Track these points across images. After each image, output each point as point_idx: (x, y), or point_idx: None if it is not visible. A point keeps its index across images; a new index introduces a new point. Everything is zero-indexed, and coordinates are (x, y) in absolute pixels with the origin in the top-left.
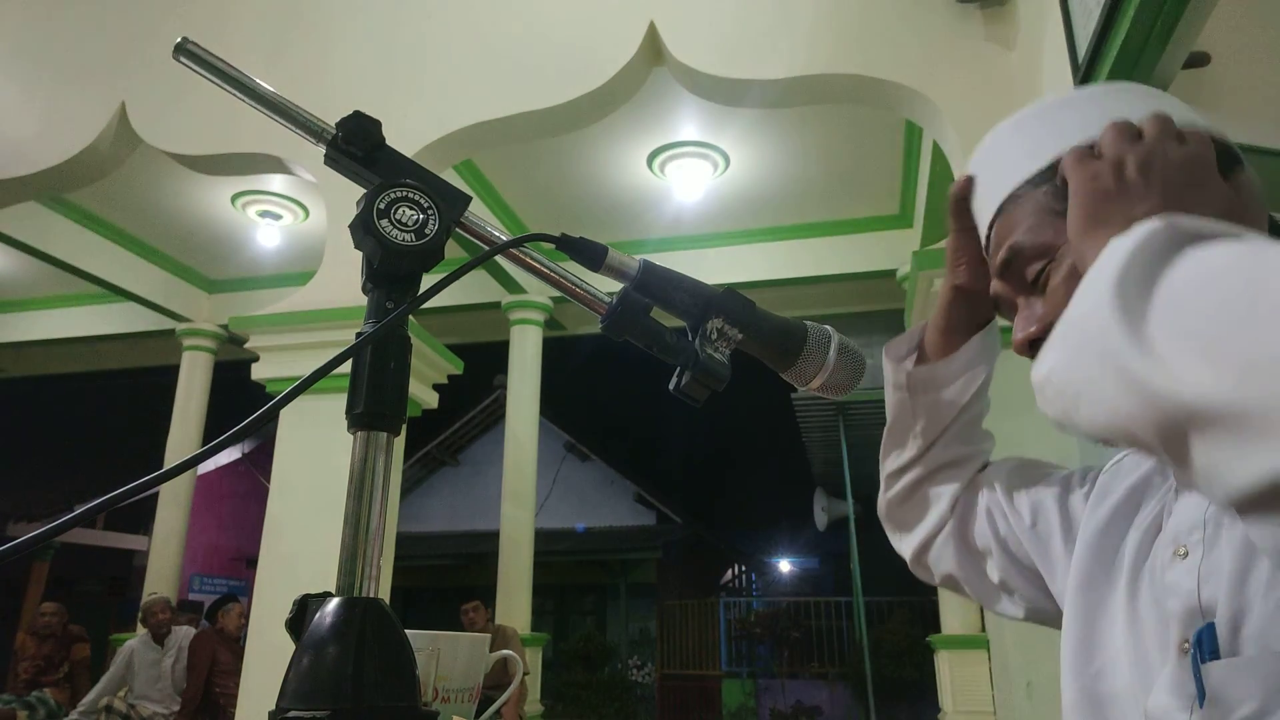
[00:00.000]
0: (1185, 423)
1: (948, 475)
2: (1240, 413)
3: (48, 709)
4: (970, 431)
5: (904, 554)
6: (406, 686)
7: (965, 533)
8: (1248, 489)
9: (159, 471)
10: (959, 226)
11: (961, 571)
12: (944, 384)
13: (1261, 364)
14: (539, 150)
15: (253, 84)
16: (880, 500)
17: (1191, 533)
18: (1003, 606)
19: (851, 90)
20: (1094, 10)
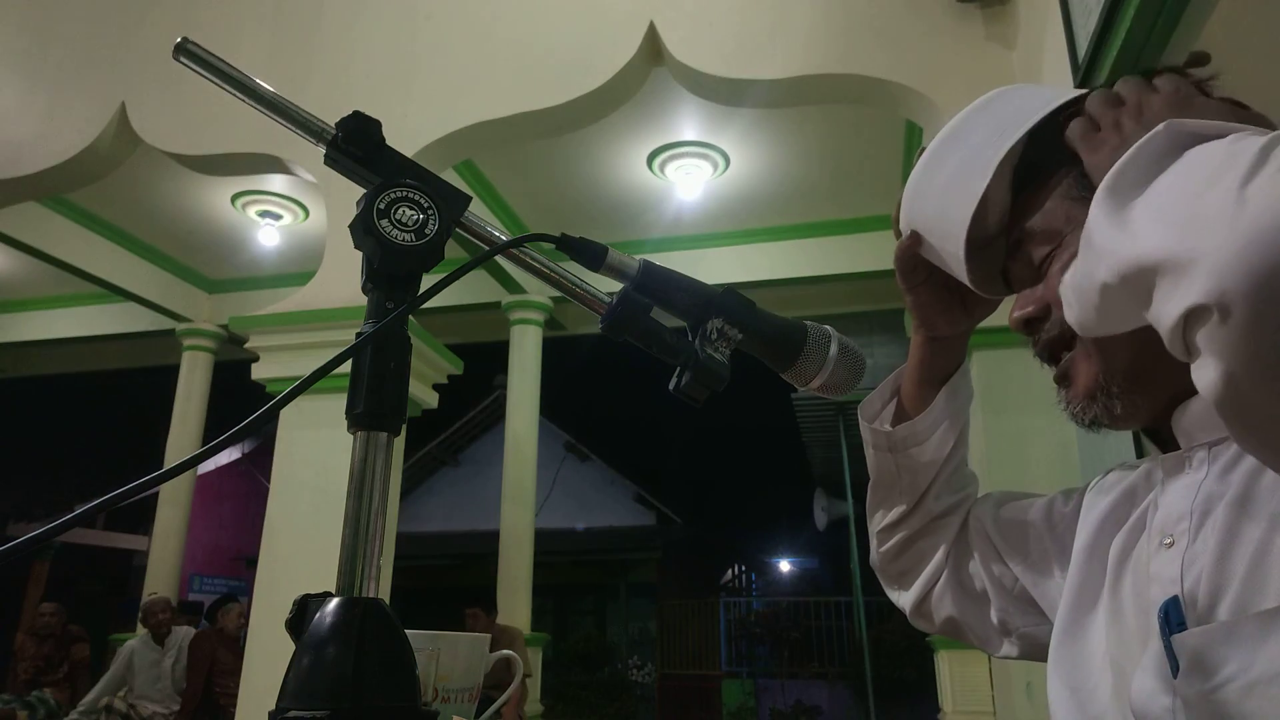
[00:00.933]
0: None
1: (940, 526)
2: (1173, 259)
3: (47, 709)
4: (956, 479)
5: (903, 607)
6: (406, 686)
7: (962, 578)
8: (1173, 324)
9: (159, 471)
10: (912, 284)
11: (962, 616)
12: (922, 440)
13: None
14: (539, 150)
15: (253, 84)
16: (873, 556)
17: (1179, 523)
18: (1003, 650)
19: (851, 90)
20: (1094, 10)
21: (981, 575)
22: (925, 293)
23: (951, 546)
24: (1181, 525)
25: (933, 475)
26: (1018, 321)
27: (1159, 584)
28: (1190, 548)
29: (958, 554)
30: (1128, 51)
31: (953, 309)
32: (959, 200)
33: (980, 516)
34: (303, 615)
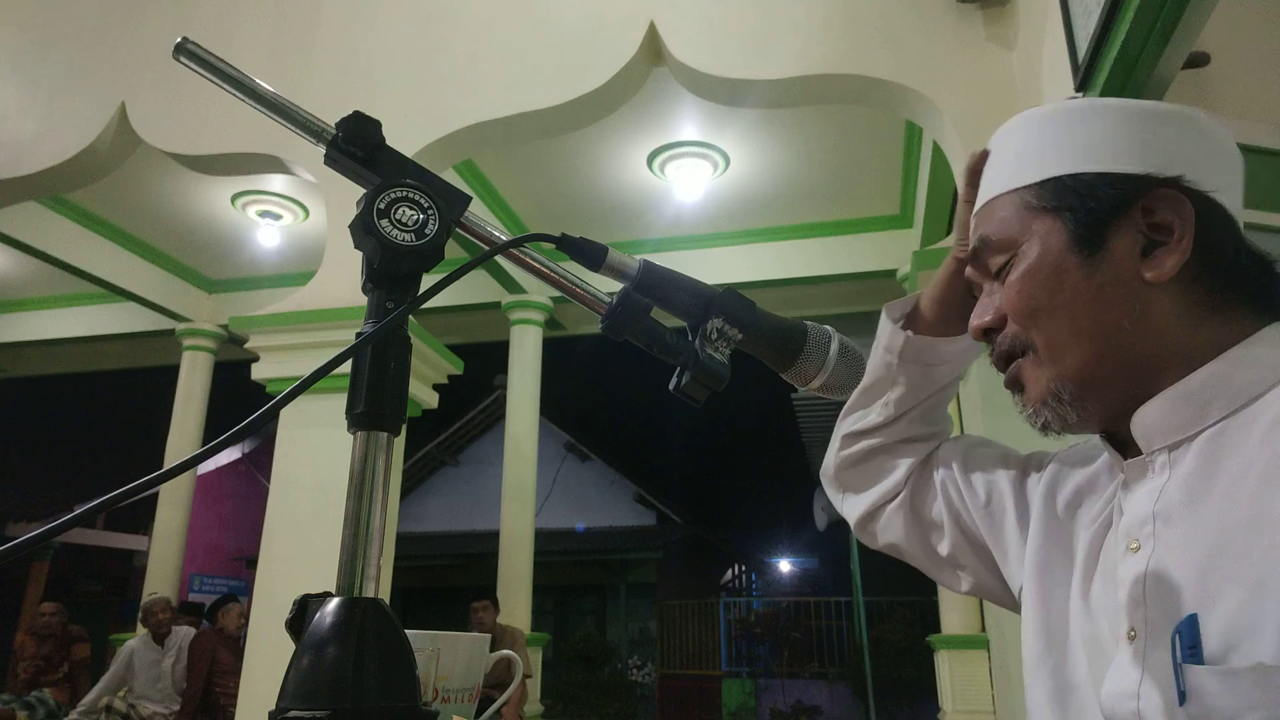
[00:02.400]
0: None
1: (906, 449)
2: None
3: (47, 709)
4: (936, 412)
5: (848, 515)
6: (406, 686)
7: (917, 505)
8: None
9: (159, 471)
10: (970, 198)
11: (908, 543)
12: (938, 361)
13: None
14: (539, 150)
15: (253, 84)
16: (830, 457)
17: (1143, 526)
18: (948, 580)
19: (851, 90)
20: (1094, 10)
21: (940, 508)
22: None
23: (912, 471)
24: (1145, 529)
25: (924, 398)
26: (976, 330)
27: (1125, 587)
28: (1154, 555)
29: (917, 482)
30: (1128, 52)
31: None
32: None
33: (948, 452)
34: (303, 615)
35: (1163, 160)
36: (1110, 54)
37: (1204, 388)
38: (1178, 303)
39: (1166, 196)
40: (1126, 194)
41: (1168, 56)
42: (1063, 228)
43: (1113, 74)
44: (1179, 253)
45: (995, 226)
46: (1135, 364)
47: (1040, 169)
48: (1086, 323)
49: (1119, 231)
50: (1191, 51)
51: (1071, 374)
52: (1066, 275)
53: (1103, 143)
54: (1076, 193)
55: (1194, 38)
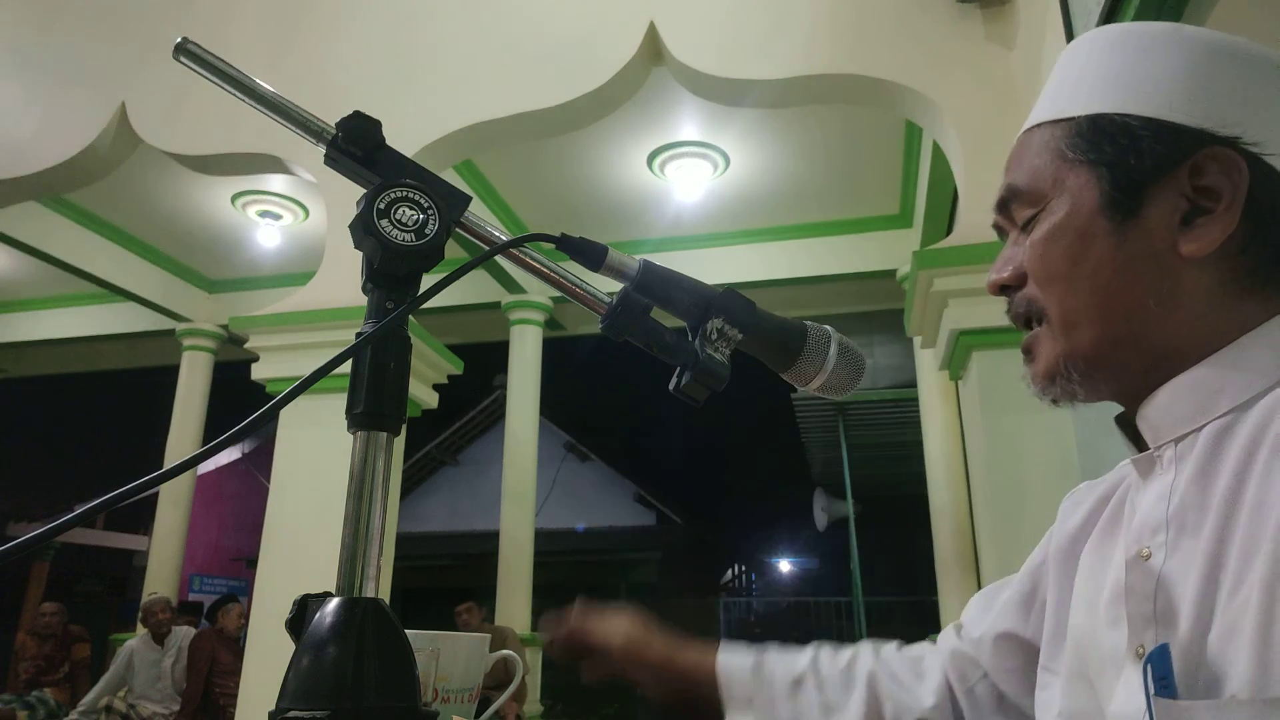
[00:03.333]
0: None
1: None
2: None
3: (47, 709)
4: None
5: None
6: (406, 686)
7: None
8: None
9: (159, 471)
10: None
11: None
12: None
13: None
14: (539, 150)
15: (253, 84)
16: None
17: (1155, 534)
18: None
19: (851, 90)
20: (1094, 10)
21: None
22: None
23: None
24: (1159, 538)
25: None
26: (993, 285)
27: (1135, 598)
28: (1166, 565)
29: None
30: None
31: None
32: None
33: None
34: (303, 615)
35: (1225, 113)
36: None
37: (1212, 376)
38: (1213, 279)
39: (1219, 157)
40: (1174, 150)
41: None
42: (1096, 185)
43: None
44: (1224, 224)
45: (1025, 175)
46: (1155, 346)
47: (1089, 100)
48: (1107, 298)
49: (1159, 195)
50: None
51: (1083, 352)
52: (1094, 242)
53: (1162, 82)
54: (1117, 142)
55: None
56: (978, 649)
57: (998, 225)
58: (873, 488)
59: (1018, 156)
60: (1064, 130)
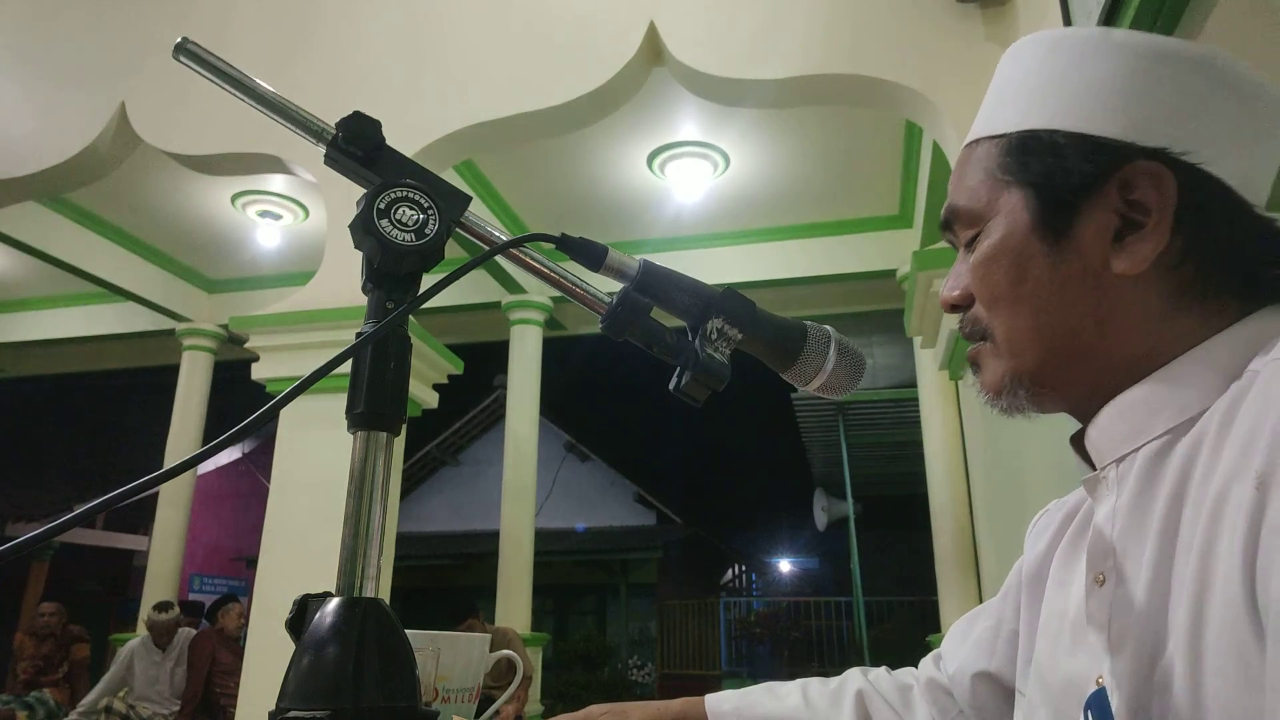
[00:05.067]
0: None
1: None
2: None
3: (47, 709)
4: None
5: None
6: (406, 686)
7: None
8: None
9: (159, 471)
10: None
11: None
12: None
13: None
14: (539, 150)
15: (253, 84)
16: None
17: (1106, 559)
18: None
19: (851, 90)
20: (1094, 10)
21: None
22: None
23: None
24: (1109, 562)
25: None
26: (945, 304)
27: (1093, 626)
28: (1118, 589)
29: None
30: None
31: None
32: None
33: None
34: (303, 615)
35: (1154, 122)
36: None
37: (1152, 397)
38: (1152, 295)
39: (1147, 170)
40: (1100, 167)
41: None
42: (1027, 206)
43: None
44: (1154, 240)
45: (964, 196)
46: (1098, 365)
47: (1019, 115)
48: (1048, 319)
49: (1089, 213)
50: None
51: (1029, 371)
52: (1030, 264)
53: (1089, 94)
54: (1044, 161)
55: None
56: (954, 684)
57: (948, 241)
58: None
59: (958, 174)
60: (997, 149)
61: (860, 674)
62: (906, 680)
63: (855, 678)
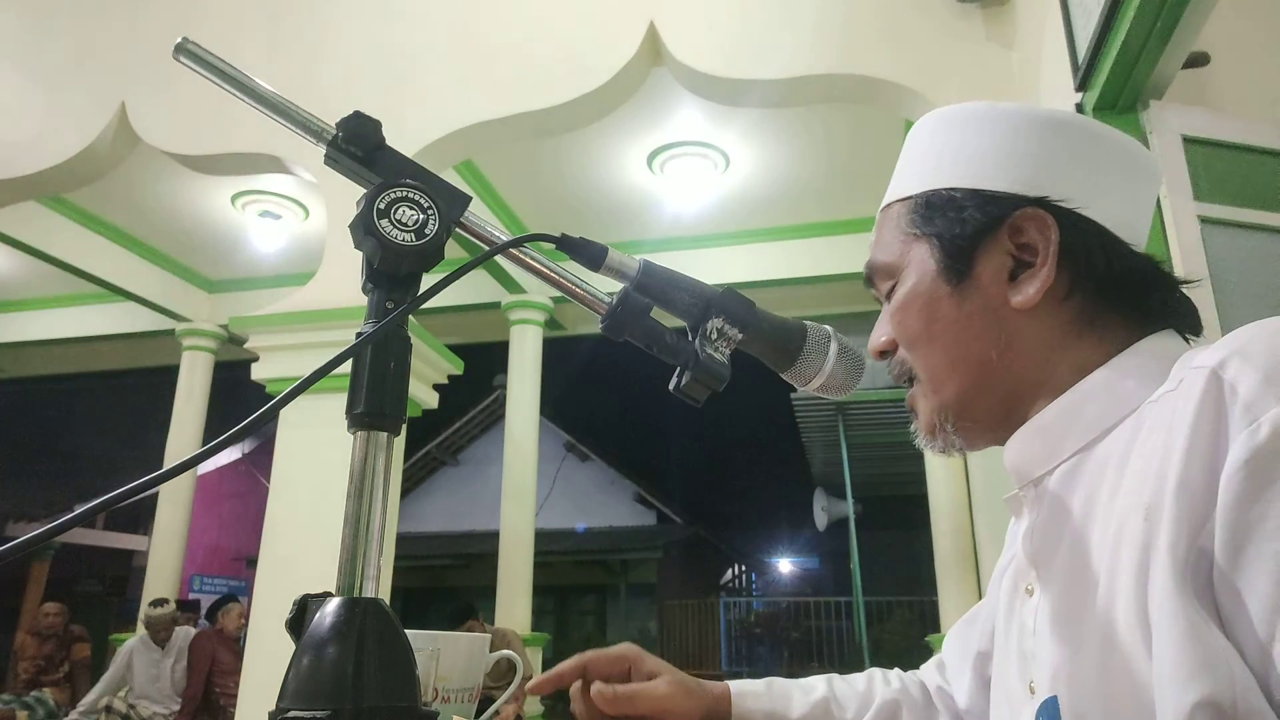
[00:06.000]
0: None
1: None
2: None
3: (46, 709)
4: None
5: None
6: (406, 686)
7: None
8: None
9: (159, 471)
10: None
11: None
12: None
13: None
14: (539, 150)
15: (253, 84)
16: None
17: (1029, 572)
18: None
19: (852, 90)
20: (1094, 10)
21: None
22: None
23: None
24: (1031, 574)
25: None
26: (873, 352)
27: (1025, 634)
28: (1040, 601)
29: None
30: (1128, 51)
31: None
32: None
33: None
34: (303, 615)
35: (1035, 176)
36: (1110, 54)
37: (1056, 421)
38: (1047, 326)
39: (1032, 216)
40: (992, 215)
41: (1168, 56)
42: (933, 254)
43: (1113, 74)
44: (1041, 277)
45: (882, 252)
46: (1005, 394)
47: (924, 178)
48: (959, 353)
49: (986, 256)
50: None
51: (950, 404)
52: (939, 305)
53: (980, 155)
54: (945, 214)
55: (1194, 38)
56: (956, 691)
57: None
58: (873, 488)
59: (876, 235)
60: (907, 208)
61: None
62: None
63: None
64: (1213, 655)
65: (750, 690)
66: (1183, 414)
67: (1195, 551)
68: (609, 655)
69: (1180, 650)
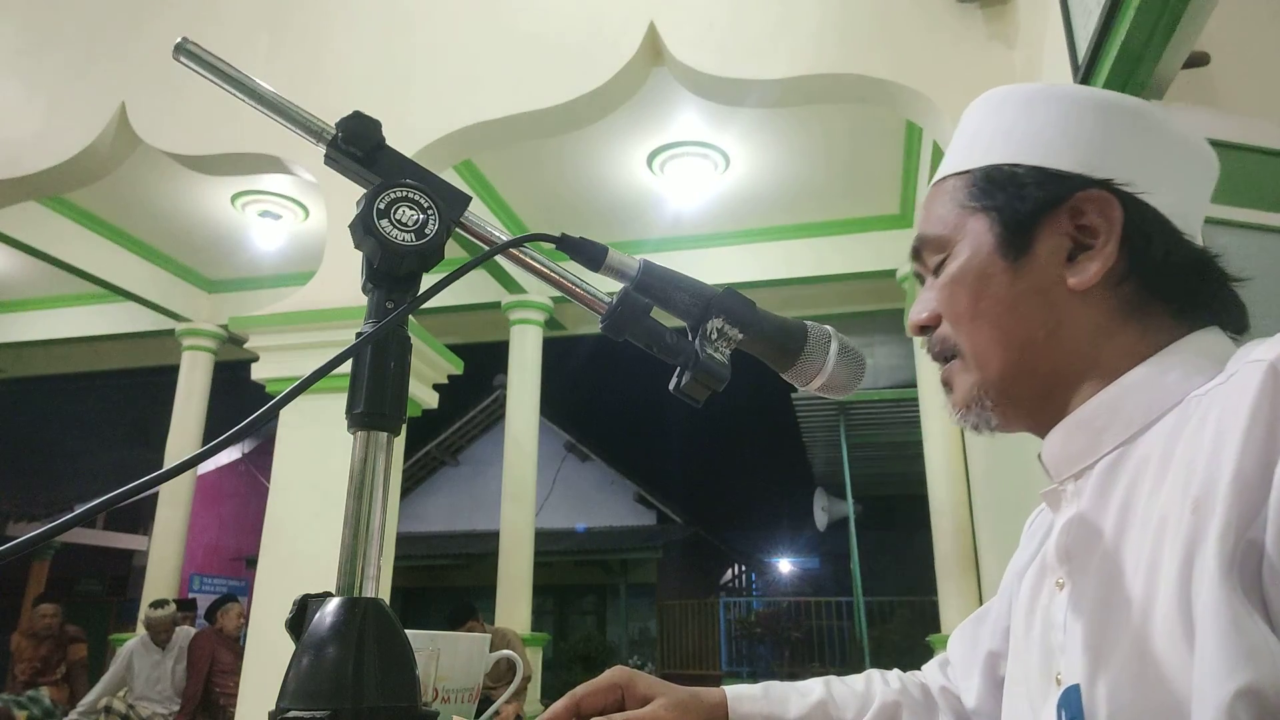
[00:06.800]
0: None
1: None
2: None
3: (43, 708)
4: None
5: None
6: (406, 686)
7: None
8: None
9: (159, 471)
10: None
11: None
12: None
13: None
14: (539, 150)
15: (253, 84)
16: None
17: (1061, 564)
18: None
19: (851, 90)
20: (1094, 10)
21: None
22: None
23: None
24: (1064, 569)
25: None
26: (913, 327)
27: (1054, 629)
28: (1073, 593)
29: None
30: (1128, 51)
31: None
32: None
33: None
34: (303, 615)
35: (1099, 158)
36: (1110, 53)
37: (1096, 415)
38: (1098, 310)
39: (1095, 198)
40: (1055, 194)
41: (1168, 56)
42: (990, 229)
43: (1113, 73)
44: (1102, 259)
45: (933, 224)
46: (1050, 375)
47: (984, 154)
48: (1007, 330)
49: (1045, 235)
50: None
51: (993, 382)
52: (991, 280)
53: (1044, 134)
54: (1006, 189)
55: (1194, 38)
56: (963, 691)
57: (917, 271)
58: (873, 488)
59: (927, 208)
60: (964, 182)
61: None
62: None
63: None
64: (1256, 646)
65: (746, 695)
66: (1237, 407)
67: (1245, 544)
68: (600, 687)
69: (1223, 641)
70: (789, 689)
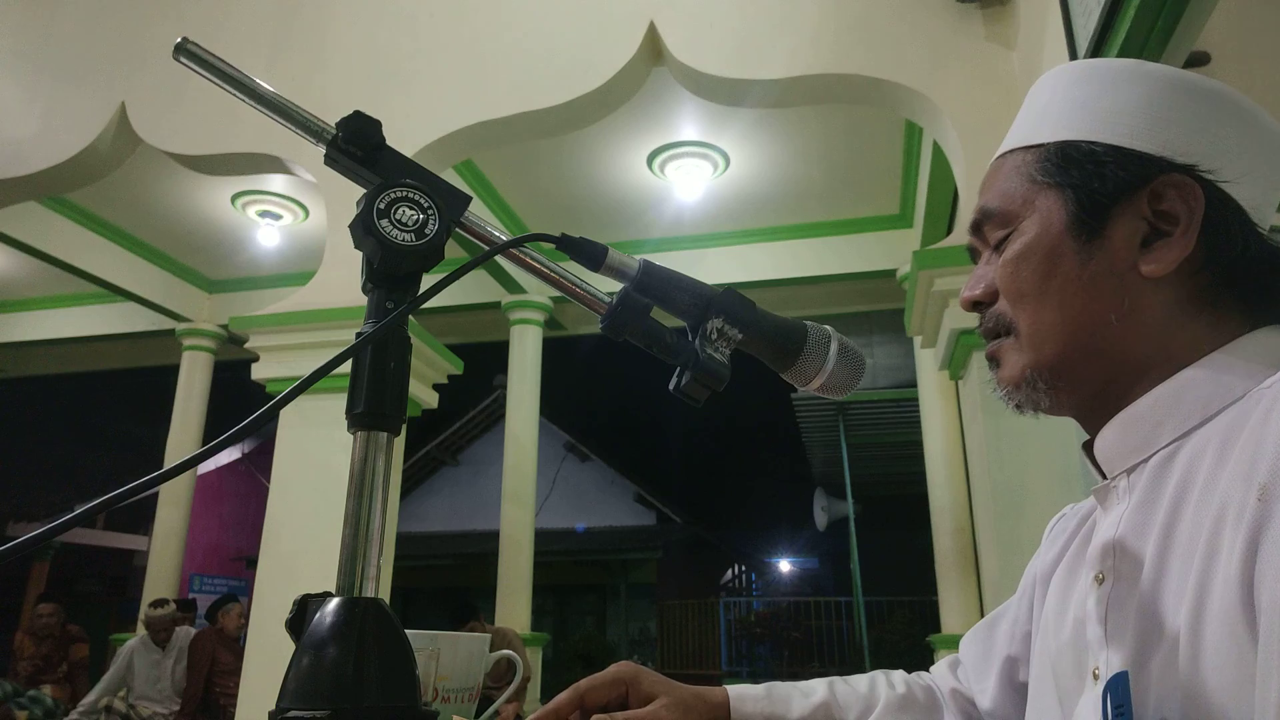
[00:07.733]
0: None
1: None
2: None
3: (44, 707)
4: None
5: None
6: (406, 686)
7: None
8: None
9: (159, 471)
10: None
11: None
12: None
13: None
14: (539, 150)
15: (253, 84)
16: None
17: (1105, 559)
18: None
19: (852, 90)
20: (1094, 10)
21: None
22: None
23: None
24: (1108, 562)
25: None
26: (966, 301)
27: (1091, 621)
28: (1116, 587)
29: None
30: (1128, 52)
31: None
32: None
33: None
34: (303, 615)
35: (1183, 142)
36: (1110, 53)
37: (1154, 409)
38: (1169, 299)
39: (1177, 183)
40: (1135, 176)
41: (1168, 56)
42: (1064, 206)
43: None
44: (1180, 246)
45: (997, 198)
46: (1115, 361)
47: (1057, 128)
48: (1073, 313)
49: (1121, 217)
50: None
51: (1048, 363)
52: (1061, 260)
53: (1125, 113)
54: (1083, 167)
55: (1194, 37)
56: (976, 693)
57: (971, 246)
58: (873, 488)
59: (990, 180)
60: (1035, 156)
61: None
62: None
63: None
64: None
65: (749, 695)
66: None
67: None
68: (604, 680)
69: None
70: (792, 689)
